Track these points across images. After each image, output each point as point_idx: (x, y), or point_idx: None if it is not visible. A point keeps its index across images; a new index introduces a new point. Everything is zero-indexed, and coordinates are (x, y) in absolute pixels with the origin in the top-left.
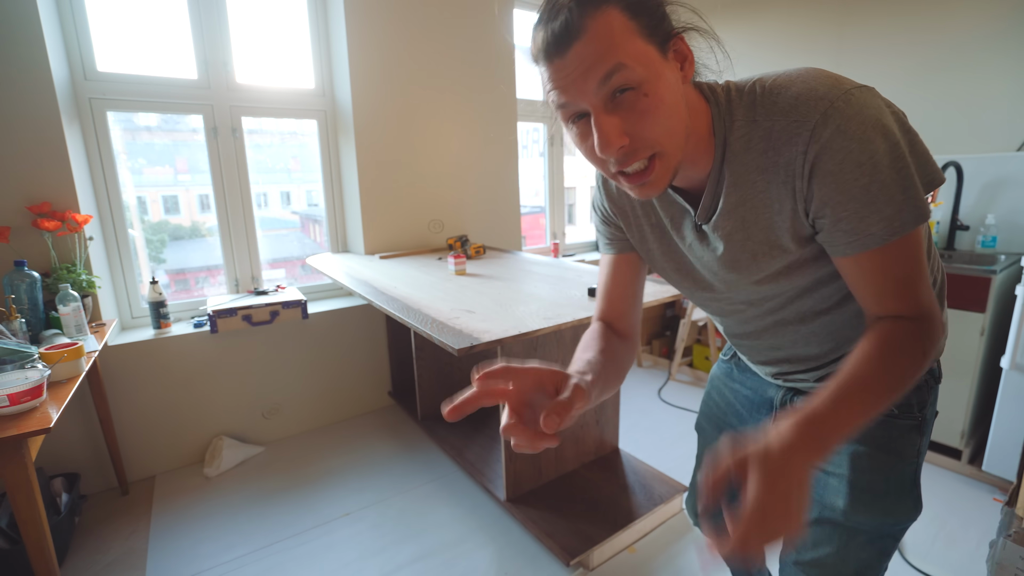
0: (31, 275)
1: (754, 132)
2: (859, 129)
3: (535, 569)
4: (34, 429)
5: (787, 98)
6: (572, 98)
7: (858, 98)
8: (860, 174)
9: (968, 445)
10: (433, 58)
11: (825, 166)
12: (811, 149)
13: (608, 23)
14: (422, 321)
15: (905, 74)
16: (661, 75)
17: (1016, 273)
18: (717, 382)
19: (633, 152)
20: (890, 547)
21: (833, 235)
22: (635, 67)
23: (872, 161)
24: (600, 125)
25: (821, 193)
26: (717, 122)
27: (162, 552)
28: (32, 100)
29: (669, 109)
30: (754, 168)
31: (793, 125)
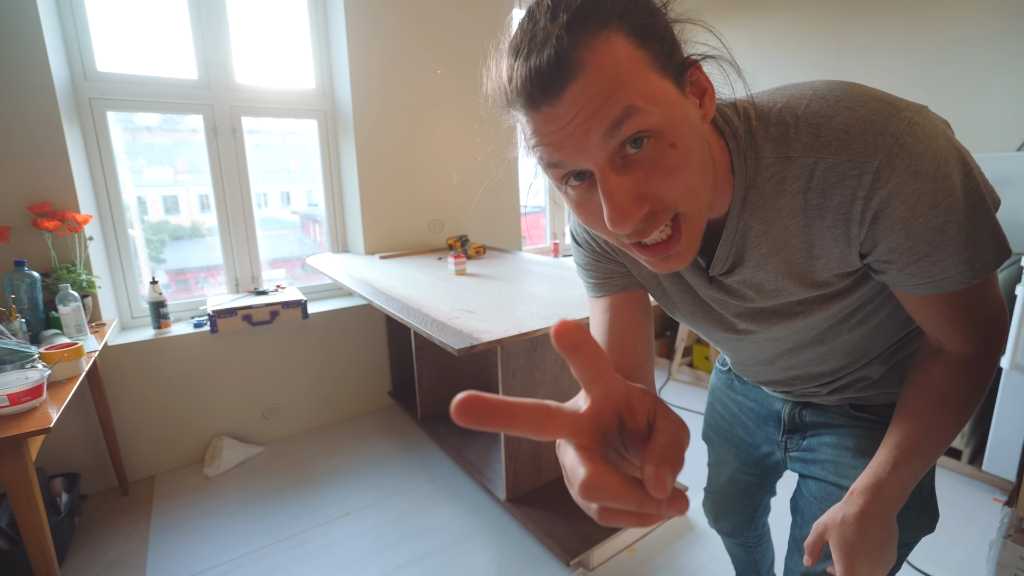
0: (31, 275)
1: (788, 171)
2: (932, 166)
3: (535, 569)
4: (34, 429)
5: (833, 131)
6: (568, 156)
7: (924, 128)
8: (935, 215)
9: (968, 445)
10: (433, 58)
11: (895, 212)
12: (875, 195)
13: (612, 53)
14: (422, 321)
15: (905, 73)
16: (685, 117)
17: (1016, 273)
18: (718, 393)
19: (653, 216)
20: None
21: (899, 277)
22: (651, 110)
23: (948, 201)
24: (611, 192)
25: (887, 240)
26: (737, 159)
27: (162, 552)
28: (32, 100)
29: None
30: (788, 212)
31: (846, 165)
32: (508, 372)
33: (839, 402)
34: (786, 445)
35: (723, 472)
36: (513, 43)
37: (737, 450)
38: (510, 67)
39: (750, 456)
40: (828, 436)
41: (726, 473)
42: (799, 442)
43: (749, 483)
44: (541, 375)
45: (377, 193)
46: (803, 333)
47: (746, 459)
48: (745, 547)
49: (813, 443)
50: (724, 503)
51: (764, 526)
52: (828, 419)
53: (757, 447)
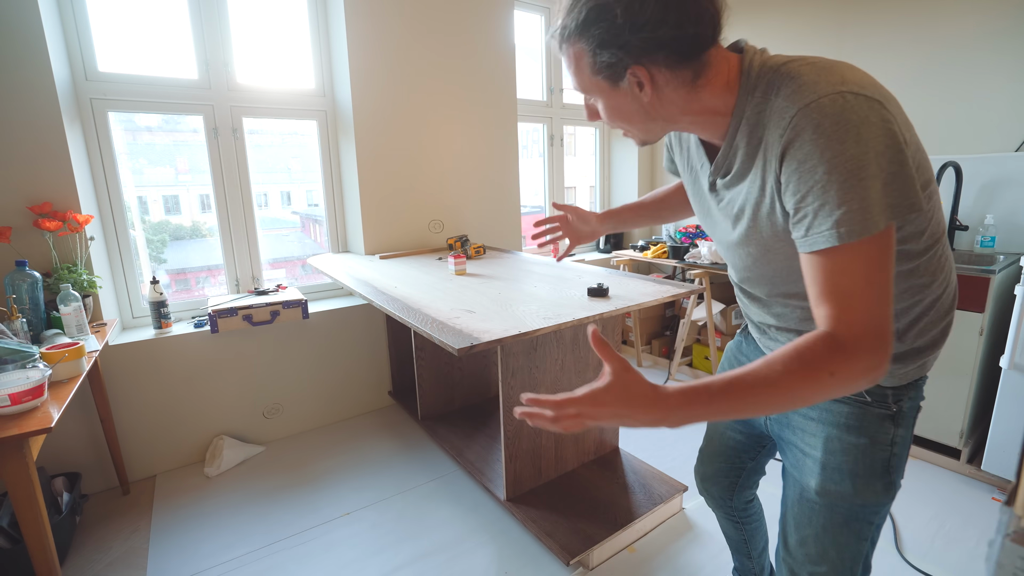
0: (32, 275)
1: (760, 107)
2: (833, 128)
3: (535, 569)
4: (35, 429)
5: (793, 84)
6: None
7: (848, 102)
8: (821, 170)
9: (967, 444)
10: (433, 58)
11: (793, 154)
12: (786, 134)
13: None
14: (422, 321)
15: (905, 73)
16: (609, 99)
17: (1015, 273)
18: (729, 354)
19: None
20: (865, 532)
21: (793, 226)
22: (590, 92)
23: (836, 160)
24: (585, 102)
25: (787, 179)
26: (743, 95)
27: (163, 551)
28: (33, 100)
29: (619, 115)
30: (755, 142)
31: (783, 109)
32: (508, 372)
33: None
34: None
35: (716, 428)
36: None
37: None
38: (558, 18)
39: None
40: None
41: (718, 430)
42: None
43: (737, 441)
44: (541, 375)
45: (377, 193)
46: (767, 275)
47: None
48: (734, 522)
49: None
50: (711, 462)
51: (751, 503)
52: None
53: None
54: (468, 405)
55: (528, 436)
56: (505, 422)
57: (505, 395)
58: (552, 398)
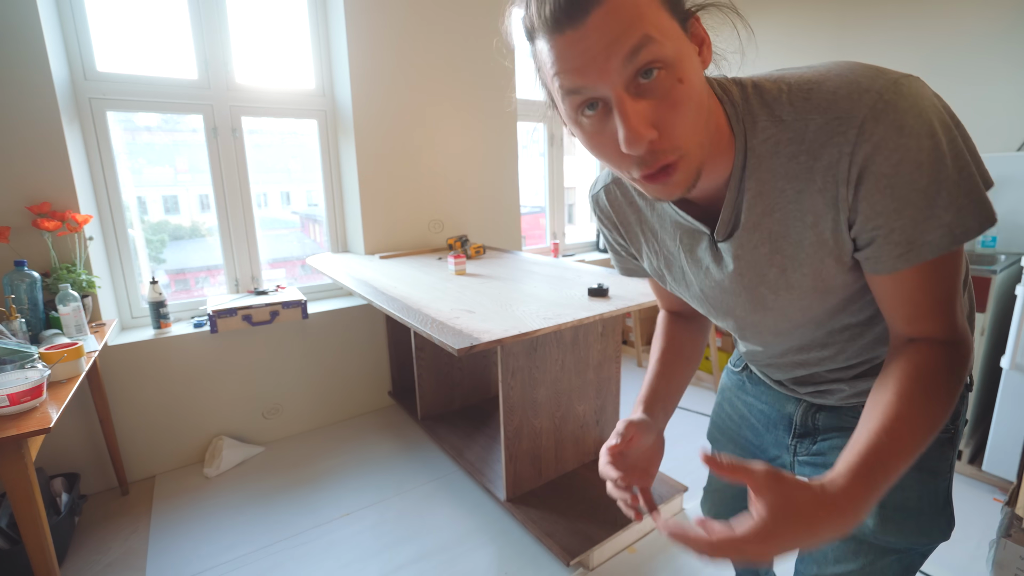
0: (31, 275)
1: (782, 133)
2: (917, 123)
3: (535, 569)
4: (34, 429)
5: (823, 93)
6: (590, 81)
7: (910, 87)
8: (920, 175)
9: (968, 445)
10: (433, 58)
11: (879, 168)
12: (859, 150)
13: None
14: (422, 321)
15: None
16: (690, 56)
17: (1016, 273)
18: (728, 394)
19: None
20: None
21: (882, 249)
22: (664, 42)
23: (933, 159)
24: (627, 113)
25: (873, 201)
26: (735, 124)
27: (162, 552)
28: (32, 100)
29: (699, 99)
30: (782, 175)
31: (834, 123)
32: (508, 372)
33: (857, 401)
34: (795, 449)
35: None
36: None
37: (742, 452)
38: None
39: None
40: (840, 439)
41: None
42: (809, 446)
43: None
44: (541, 375)
45: (377, 193)
46: (809, 330)
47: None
48: None
49: (824, 447)
50: (722, 503)
51: None
52: (841, 422)
53: (764, 450)
54: (468, 405)
55: (528, 436)
56: (505, 422)
57: (505, 395)
58: (702, 538)
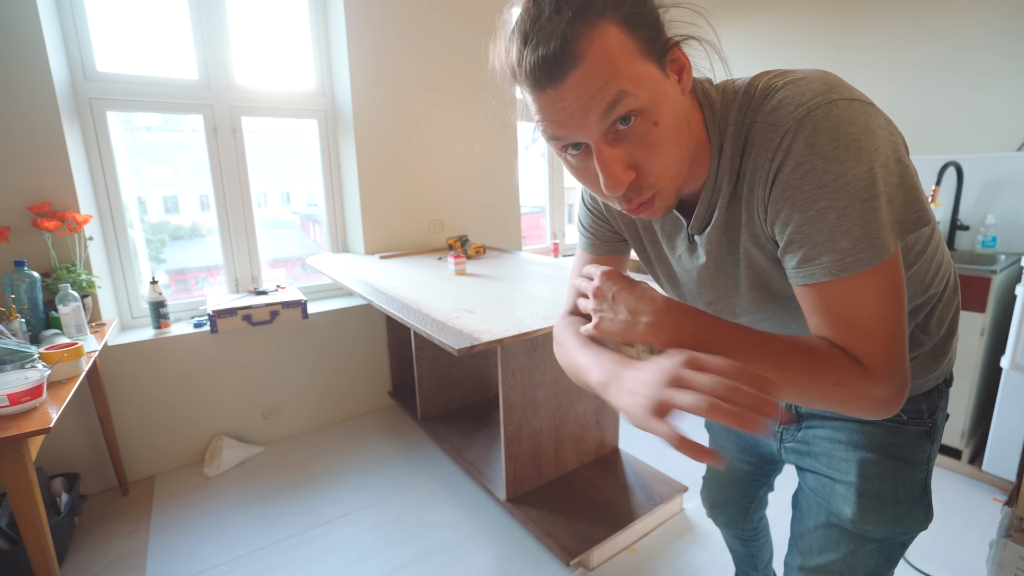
0: (31, 275)
1: (740, 134)
2: (830, 145)
3: (535, 569)
4: (34, 429)
5: (774, 100)
6: (570, 132)
7: (842, 111)
8: (820, 195)
9: (968, 445)
10: (433, 58)
11: (786, 178)
12: (777, 157)
13: (606, 44)
14: (422, 321)
15: (905, 74)
16: (666, 96)
17: (1016, 273)
18: None
19: (638, 189)
20: (898, 554)
21: (785, 256)
22: (639, 93)
23: (837, 184)
24: (604, 161)
25: (776, 206)
26: (711, 127)
27: (162, 552)
28: (32, 100)
29: (675, 135)
30: (739, 175)
31: (768, 129)
32: (508, 372)
33: None
34: (781, 436)
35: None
36: (521, 29)
37: (736, 438)
38: (520, 52)
39: (747, 444)
40: (822, 429)
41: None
42: (794, 433)
43: (746, 472)
44: (541, 375)
45: (377, 193)
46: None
47: (743, 447)
48: (742, 540)
49: (808, 435)
50: (720, 491)
51: (761, 520)
52: (823, 411)
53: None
54: (468, 405)
55: (528, 436)
56: (505, 422)
57: (505, 395)
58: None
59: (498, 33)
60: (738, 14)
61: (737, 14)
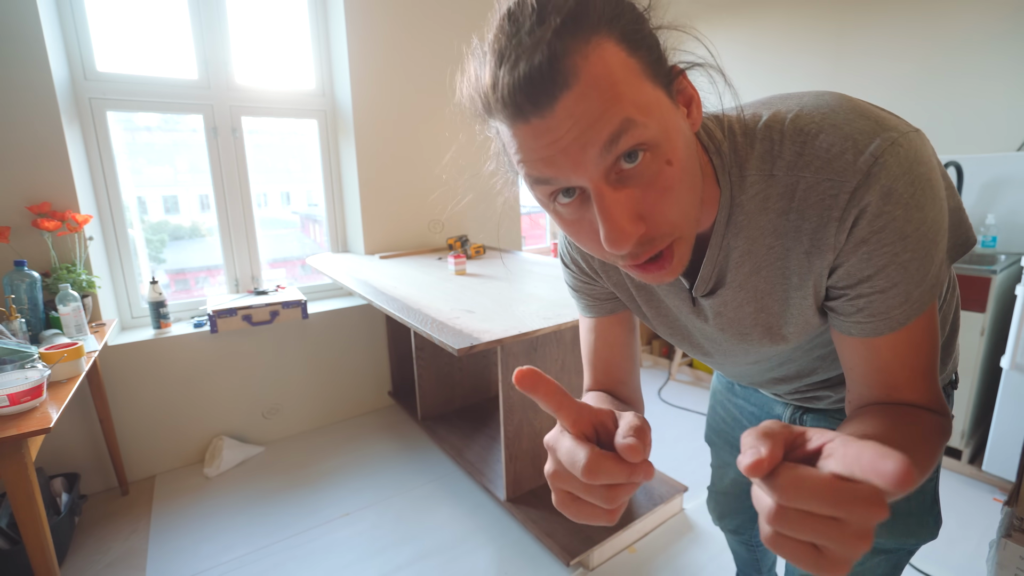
0: (31, 275)
1: (772, 189)
2: (908, 191)
3: (535, 569)
4: (34, 429)
5: (816, 149)
6: (562, 173)
7: (907, 151)
8: (903, 248)
9: (968, 445)
10: (433, 57)
11: (859, 233)
12: (848, 215)
13: (605, 61)
14: (422, 321)
15: (905, 74)
16: (678, 130)
17: (1016, 273)
18: (719, 396)
19: (650, 243)
20: (904, 561)
21: (846, 309)
22: (648, 122)
23: (918, 233)
24: (607, 209)
25: (849, 262)
26: (722, 177)
27: (162, 552)
28: (32, 100)
29: (692, 178)
30: (771, 232)
31: (826, 184)
32: (508, 372)
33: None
34: None
35: (726, 474)
36: (495, 47)
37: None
38: (494, 74)
39: None
40: None
41: (729, 475)
42: None
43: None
44: None
45: (377, 193)
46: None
47: None
48: (748, 546)
49: None
50: (727, 503)
51: None
52: (828, 424)
53: None
54: (468, 405)
55: (528, 436)
56: (505, 422)
57: (505, 395)
58: None
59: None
60: (738, 15)
61: (737, 15)
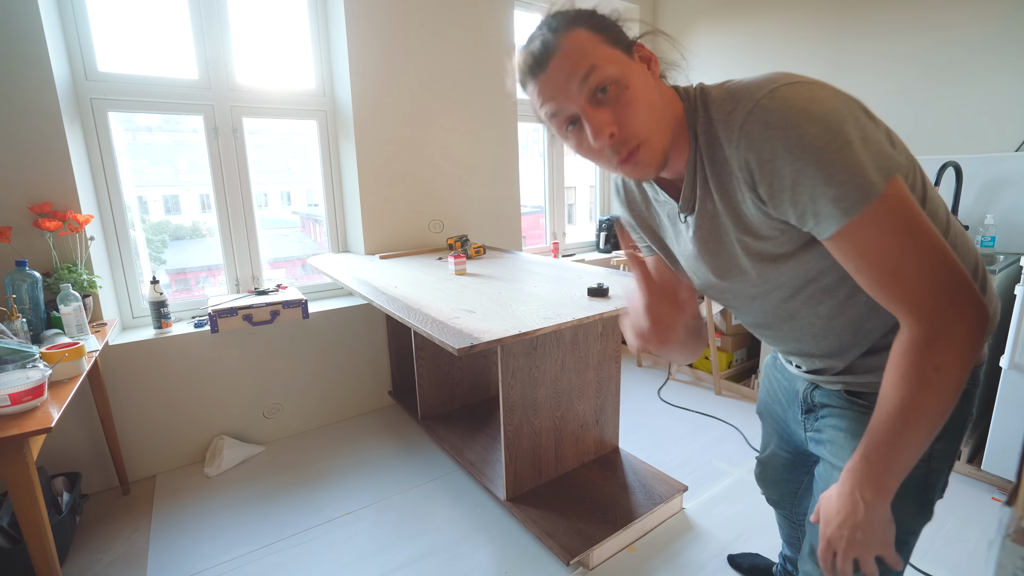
0: (32, 275)
1: (710, 129)
2: (782, 119)
3: (535, 569)
4: (35, 429)
5: (729, 98)
6: (560, 104)
7: (784, 93)
8: (792, 158)
9: (967, 444)
10: (433, 58)
11: (760, 156)
12: (743, 145)
13: (577, 38)
14: (422, 321)
15: (904, 74)
16: (632, 70)
17: (1015, 273)
18: (768, 369)
19: (623, 142)
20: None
21: (802, 220)
22: (607, 66)
23: (802, 145)
24: (590, 118)
25: (766, 183)
26: (690, 116)
27: (163, 551)
28: (33, 100)
29: (646, 98)
30: (713, 163)
31: (730, 124)
32: (508, 372)
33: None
34: (805, 424)
35: (768, 445)
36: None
37: (776, 426)
38: (520, 55)
39: (784, 433)
40: (831, 418)
41: (770, 447)
42: (813, 422)
43: (786, 460)
44: (541, 375)
45: (377, 193)
46: (785, 297)
47: (782, 435)
48: (791, 521)
49: (821, 424)
50: (768, 474)
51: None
52: (831, 401)
53: (787, 424)
54: (468, 405)
55: (528, 436)
56: (505, 422)
57: (505, 395)
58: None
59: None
60: (738, 15)
61: (737, 15)
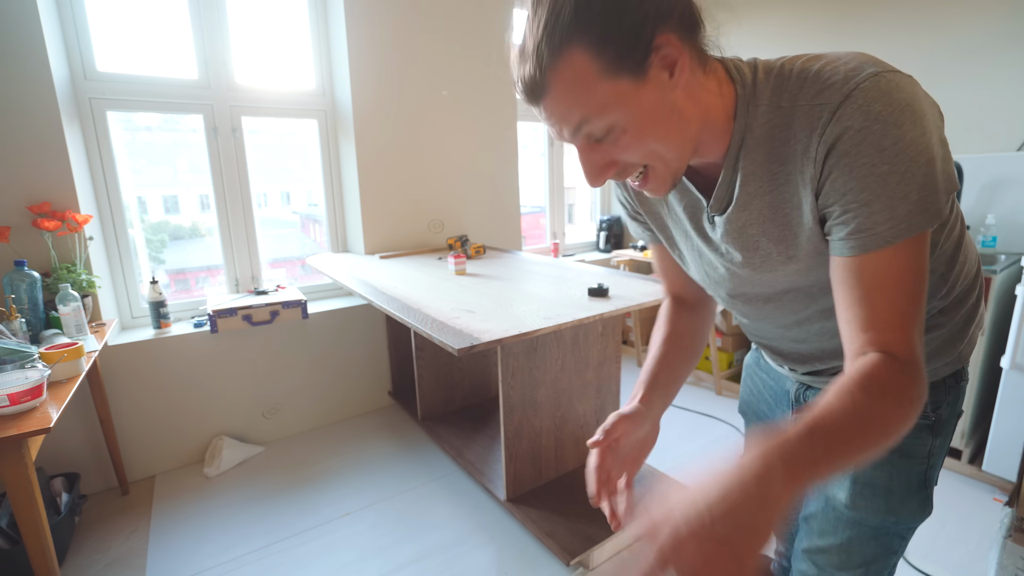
0: (31, 275)
1: (777, 118)
2: (885, 110)
3: (535, 569)
4: (34, 429)
5: (814, 81)
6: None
7: (891, 80)
8: (880, 160)
9: (968, 445)
10: (433, 58)
11: (841, 147)
12: (829, 130)
13: (572, 71)
14: (422, 321)
15: None
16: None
17: (1016, 273)
18: (749, 369)
19: (624, 172)
20: (896, 545)
21: (836, 228)
22: (599, 117)
23: (896, 147)
24: (583, 163)
25: (832, 177)
26: (741, 105)
27: (162, 552)
28: (32, 100)
29: (653, 131)
30: (776, 158)
31: (816, 109)
32: (508, 372)
33: None
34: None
35: None
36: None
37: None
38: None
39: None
40: None
41: None
42: None
43: None
44: (541, 375)
45: (377, 193)
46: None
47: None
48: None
49: None
50: None
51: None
52: None
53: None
54: (468, 405)
55: (528, 436)
56: (505, 422)
57: (505, 395)
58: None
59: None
60: (738, 13)
61: (737, 13)
